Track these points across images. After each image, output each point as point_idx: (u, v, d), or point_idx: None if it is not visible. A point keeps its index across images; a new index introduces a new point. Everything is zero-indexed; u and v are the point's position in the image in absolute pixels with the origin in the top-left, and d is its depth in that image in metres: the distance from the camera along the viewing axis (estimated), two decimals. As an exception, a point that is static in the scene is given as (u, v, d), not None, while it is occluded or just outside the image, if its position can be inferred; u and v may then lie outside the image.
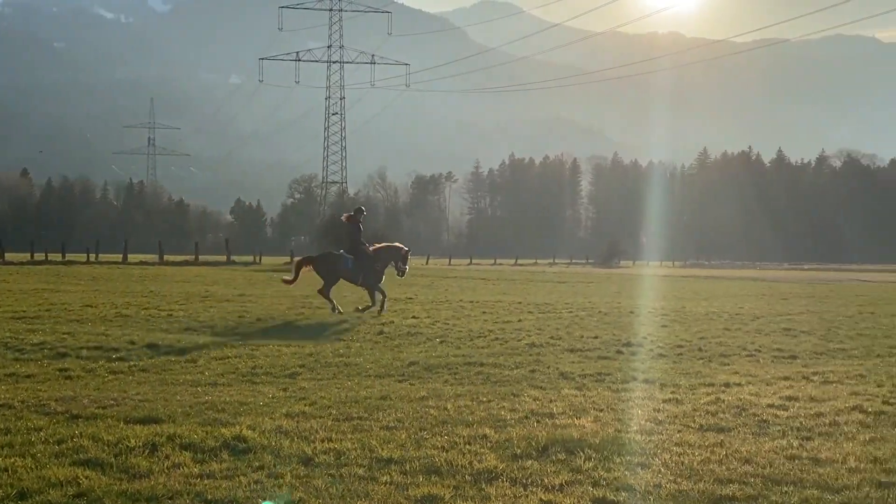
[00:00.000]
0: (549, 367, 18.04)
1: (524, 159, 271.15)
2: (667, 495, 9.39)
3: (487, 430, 11.93)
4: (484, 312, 31.25)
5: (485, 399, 14.38)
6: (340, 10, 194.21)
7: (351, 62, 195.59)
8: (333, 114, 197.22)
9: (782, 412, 13.63)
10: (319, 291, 31.37)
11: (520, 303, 36.97)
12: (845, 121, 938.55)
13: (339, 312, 29.43)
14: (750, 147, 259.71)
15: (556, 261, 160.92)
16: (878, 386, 16.27)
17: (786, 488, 9.63)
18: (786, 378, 17.11)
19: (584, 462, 10.47)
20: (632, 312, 32.58)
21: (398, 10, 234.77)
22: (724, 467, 10.40)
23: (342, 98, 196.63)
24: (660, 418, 13.10)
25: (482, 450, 10.96)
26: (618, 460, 10.61)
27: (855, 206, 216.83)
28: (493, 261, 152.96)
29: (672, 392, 15.38)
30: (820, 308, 37.02)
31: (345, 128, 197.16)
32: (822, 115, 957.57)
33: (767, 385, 16.26)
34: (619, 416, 13.25)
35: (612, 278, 76.80)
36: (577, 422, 12.67)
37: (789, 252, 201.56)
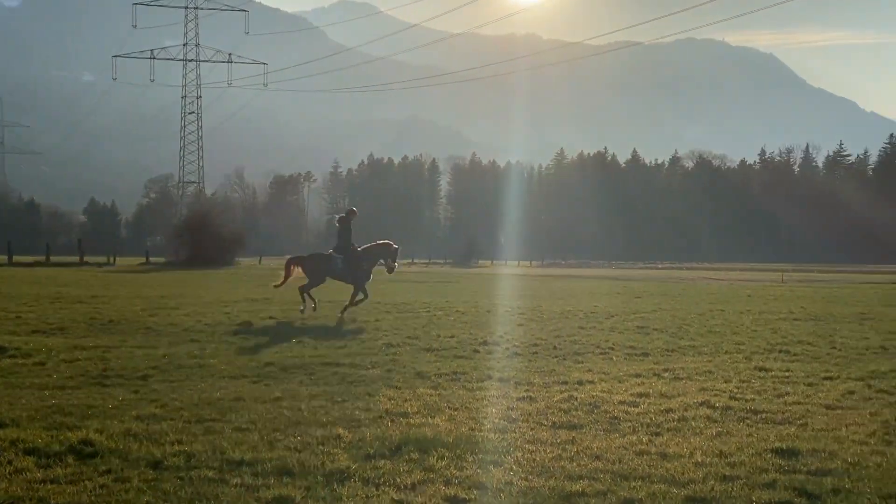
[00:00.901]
0: (405, 367, 18.03)
1: (383, 159, 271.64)
2: (518, 493, 9.45)
3: (341, 431, 11.86)
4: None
5: (340, 399, 14.31)
6: (196, 8, 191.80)
7: (207, 61, 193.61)
8: (190, 113, 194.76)
9: (633, 409, 13.84)
10: (300, 289, 31.49)
11: (378, 302, 36.86)
12: (697, 122, 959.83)
13: (310, 310, 30.16)
14: (605, 148, 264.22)
15: (415, 261, 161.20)
16: (726, 382, 16.62)
17: (634, 483, 9.77)
18: (637, 375, 17.37)
19: (436, 461, 10.48)
20: (489, 311, 32.78)
21: (255, 9, 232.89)
22: (574, 464, 10.51)
23: (199, 97, 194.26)
24: (513, 416, 13.19)
25: (335, 450, 10.90)
26: (471, 459, 10.64)
27: (706, 205, 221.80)
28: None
29: (526, 390, 15.49)
30: (672, 306, 37.70)
31: (202, 127, 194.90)
32: (675, 117, 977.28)
33: (619, 382, 16.49)
34: (474, 414, 13.30)
35: (470, 278, 77.26)
36: (431, 421, 12.69)
37: (644, 251, 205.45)
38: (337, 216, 33.74)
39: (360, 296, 31.29)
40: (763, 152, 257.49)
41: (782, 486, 9.70)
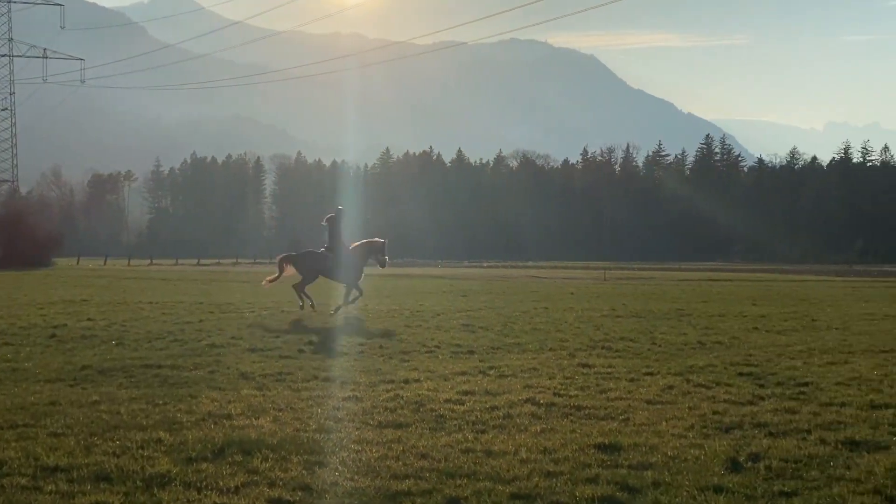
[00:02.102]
0: (229, 368, 17.76)
1: (207, 158, 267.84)
2: (344, 493, 9.36)
3: (162, 434, 11.60)
4: (164, 313, 30.58)
5: (161, 402, 14.00)
6: (9, 2, 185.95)
7: (21, 56, 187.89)
8: (3, 109, 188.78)
9: (459, 406, 13.86)
10: (294, 287, 32.23)
11: (201, 303, 36.37)
12: (521, 122, 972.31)
13: (309, 308, 31.26)
14: (431, 147, 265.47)
15: (240, 260, 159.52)
16: (550, 378, 16.79)
17: (460, 481, 9.76)
18: (463, 373, 17.43)
19: (261, 463, 10.32)
20: (314, 310, 32.55)
21: (71, 4, 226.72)
22: (400, 463, 10.46)
23: (12, 93, 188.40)
24: (339, 416, 13.09)
25: (156, 454, 10.65)
26: (296, 460, 10.51)
27: (531, 204, 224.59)
28: (174, 261, 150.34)
29: (352, 390, 15.40)
30: (497, 304, 38.06)
31: (15, 124, 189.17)
32: (500, 116, 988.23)
33: (445, 380, 16.51)
34: (299, 415, 13.16)
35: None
36: (255, 422, 12.51)
37: (470, 249, 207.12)
38: (325, 217, 33.85)
39: (355, 293, 31.75)
40: (585, 152, 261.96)
41: (605, 481, 9.81)
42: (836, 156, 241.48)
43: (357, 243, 32.91)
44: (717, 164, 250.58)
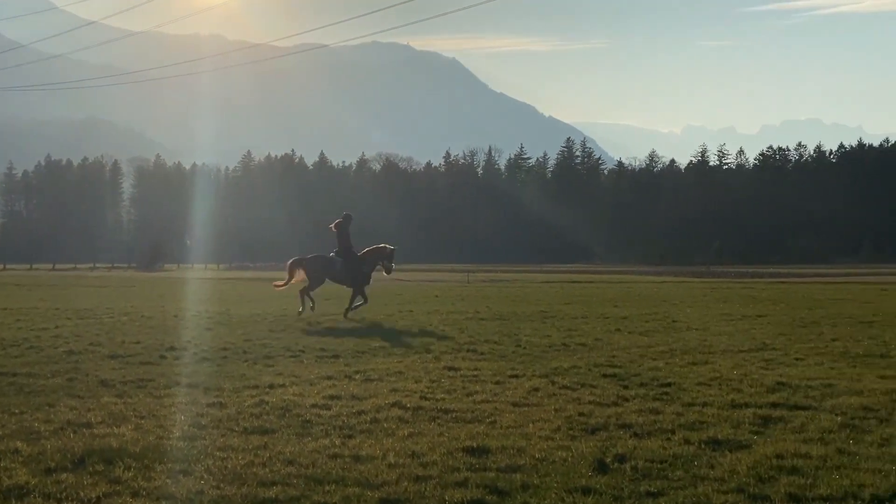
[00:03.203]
0: (87, 375, 17.33)
1: (62, 161, 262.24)
2: (209, 501, 9.19)
3: (19, 444, 11.25)
4: (18, 320, 29.84)
5: (17, 411, 13.58)
6: None
7: None
8: None
9: (325, 411, 13.73)
10: (301, 291, 32.38)
11: (57, 309, 35.55)
12: (384, 124, 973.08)
13: (308, 312, 31.46)
14: (293, 150, 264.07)
15: (98, 265, 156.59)
16: (416, 382, 16.75)
17: (328, 487, 9.65)
18: (329, 377, 17.29)
19: (123, 472, 10.06)
20: (176, 316, 32.09)
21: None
22: (267, 469, 10.30)
23: None
24: (203, 423, 12.85)
25: (13, 465, 10.32)
26: (159, 468, 10.28)
27: (394, 207, 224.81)
28: (28, 266, 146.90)
29: (216, 396, 15.15)
30: (362, 307, 37.90)
31: None
32: (362, 119, 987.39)
33: (311, 385, 16.36)
34: (162, 422, 12.88)
35: (155, 282, 75.56)
36: (116, 430, 12.20)
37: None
38: (333, 223, 33.99)
39: (360, 300, 32.00)
40: (448, 155, 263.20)
41: (474, 484, 9.79)
42: (693, 159, 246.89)
43: (367, 249, 33.41)
44: (578, 167, 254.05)
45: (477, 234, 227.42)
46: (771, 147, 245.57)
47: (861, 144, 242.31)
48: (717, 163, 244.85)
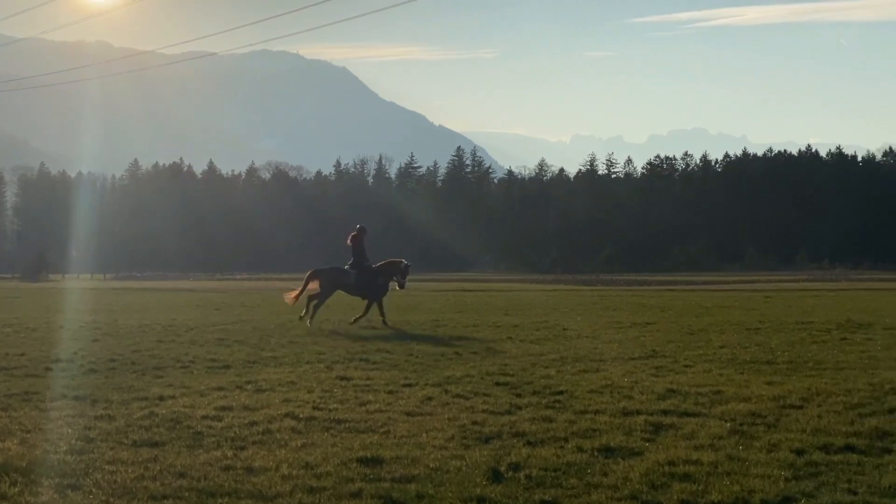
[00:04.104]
0: (-30, 389, 16.92)
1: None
2: (99, 517, 9.01)
3: None
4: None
5: None
6: None
7: None
8: None
9: (217, 423, 13.58)
10: (309, 298, 32.87)
11: (-61, 321, 34.68)
12: (274, 133, 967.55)
13: (306, 321, 31.63)
14: (181, 159, 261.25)
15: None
16: (309, 392, 16.64)
17: (220, 500, 9.55)
18: (220, 388, 17.11)
19: (9, 488, 9.85)
20: (62, 327, 31.50)
21: None
22: (158, 483, 10.15)
23: None
24: (91, 436, 12.61)
25: None
26: (47, 483, 10.08)
27: (284, 216, 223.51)
28: None
29: (104, 408, 14.90)
30: (252, 317, 37.64)
31: None
32: (252, 128, 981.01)
33: (202, 396, 16.17)
34: (48, 436, 12.63)
35: (40, 292, 74.13)
36: (1, 445, 11.93)
37: (222, 262, 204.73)
38: (350, 235, 34.44)
39: (377, 310, 32.42)
40: (338, 164, 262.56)
41: (368, 495, 9.75)
42: (582, 168, 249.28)
43: (382, 262, 33.87)
44: (468, 176, 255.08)
45: (368, 243, 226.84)
46: (658, 156, 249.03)
47: (746, 154, 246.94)
48: (606, 171, 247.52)
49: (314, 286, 33.42)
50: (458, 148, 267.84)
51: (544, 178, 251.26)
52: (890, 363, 20.39)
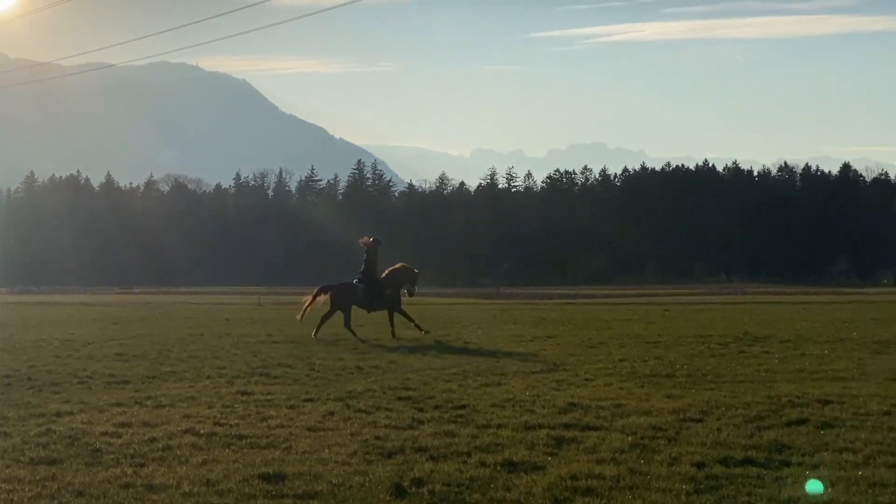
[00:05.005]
0: None
1: None
2: (-6, 538, 8.83)
3: None
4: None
5: None
6: None
7: None
8: None
9: (116, 439, 13.39)
10: (324, 317, 33.48)
11: None
12: (174, 145, 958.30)
13: (314, 337, 31.87)
14: (79, 171, 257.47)
15: None
16: (209, 407, 16.48)
17: (120, 519, 9.40)
18: (119, 404, 16.87)
19: None
20: (-45, 343, 30.84)
21: None
22: (56, 501, 10.01)
23: None
24: (-14, 455, 12.36)
25: None
26: (-61, 504, 9.84)
27: (184, 229, 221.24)
28: None
29: (0, 425, 14.59)
30: (151, 331, 37.19)
31: None
32: (151, 140, 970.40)
33: (100, 412, 15.94)
34: (-60, 455, 12.33)
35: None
36: None
37: (122, 276, 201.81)
38: (361, 240, 34.85)
39: (393, 323, 32.82)
40: (238, 177, 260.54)
41: (271, 512, 9.67)
42: (482, 181, 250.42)
43: (388, 271, 34.07)
44: (369, 189, 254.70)
45: (269, 257, 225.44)
46: (558, 170, 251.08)
47: (644, 168, 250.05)
48: (506, 185, 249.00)
49: (323, 300, 34.00)
50: (359, 161, 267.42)
51: (445, 191, 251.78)
52: (787, 376, 20.75)
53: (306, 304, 34.77)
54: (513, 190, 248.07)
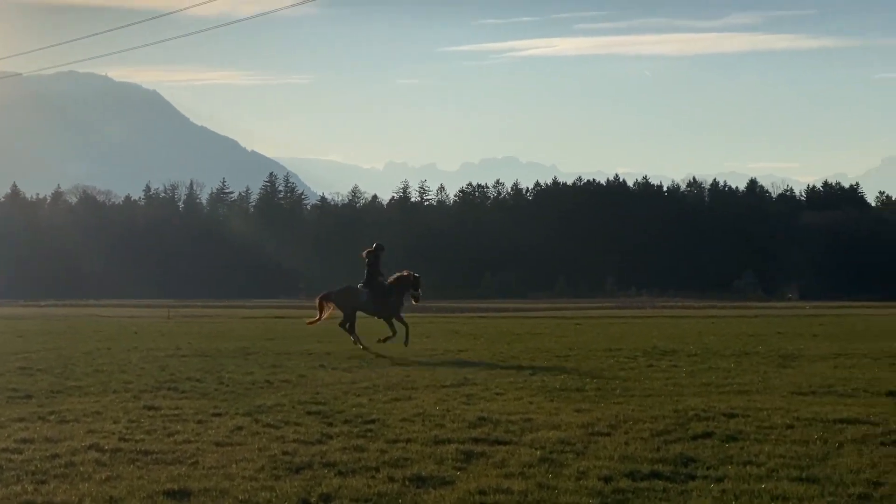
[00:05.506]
0: None
1: None
2: None
3: None
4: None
5: None
6: None
7: None
8: None
9: (17, 456, 13.14)
10: (341, 325, 33.61)
11: None
12: (81, 157, 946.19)
13: (363, 348, 31.92)
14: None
15: None
16: (115, 422, 16.24)
17: (19, 538, 9.20)
18: (21, 419, 16.57)
19: None
20: None
21: None
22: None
23: None
24: None
25: None
26: None
27: (93, 241, 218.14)
28: None
29: None
30: (57, 345, 36.59)
31: None
32: (59, 151, 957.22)
33: (1, 428, 15.66)
34: None
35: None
36: None
37: (27, 288, 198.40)
38: (364, 251, 35.12)
39: (394, 330, 32.91)
40: (148, 188, 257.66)
41: (175, 529, 9.52)
42: (395, 195, 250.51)
43: (392, 278, 34.10)
44: (281, 202, 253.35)
45: (179, 270, 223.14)
46: (470, 184, 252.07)
47: (556, 182, 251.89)
48: (419, 199, 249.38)
49: (331, 310, 34.12)
50: (271, 174, 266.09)
51: (357, 204, 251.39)
52: (694, 389, 20.96)
53: (314, 319, 35.19)
54: (425, 203, 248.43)
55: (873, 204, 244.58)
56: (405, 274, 34.73)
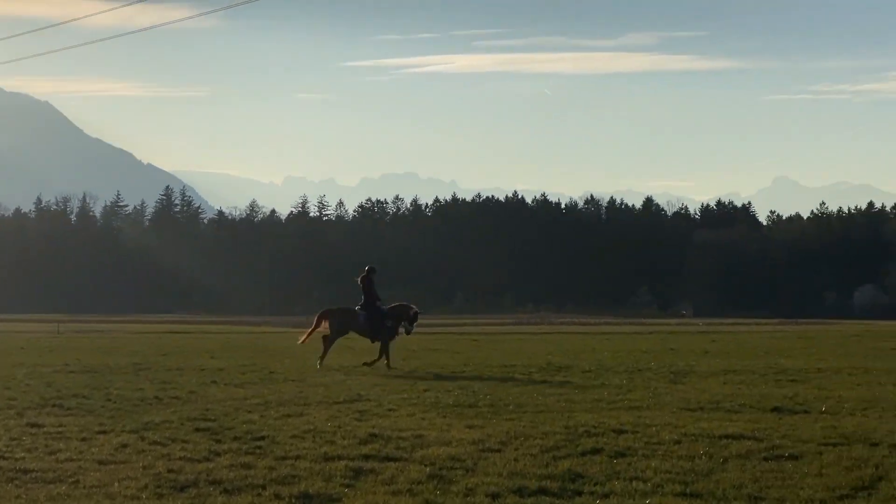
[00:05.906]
0: None
1: None
2: None
3: None
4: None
5: None
6: None
7: None
8: None
9: None
10: (323, 338, 33.24)
11: None
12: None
13: (319, 367, 31.56)
14: None
15: None
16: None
17: None
18: None
19: None
20: None
21: None
22: None
23: None
24: None
25: None
26: None
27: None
28: None
29: None
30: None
31: None
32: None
33: None
34: None
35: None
36: None
37: None
38: (360, 278, 34.57)
39: (383, 358, 32.37)
40: (39, 201, 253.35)
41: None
42: (294, 209, 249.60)
43: (392, 306, 34.12)
44: (178, 216, 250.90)
45: (71, 284, 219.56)
46: (370, 199, 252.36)
47: (455, 198, 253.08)
48: (318, 214, 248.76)
49: (325, 326, 33.91)
50: (167, 187, 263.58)
51: (255, 219, 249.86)
52: (585, 405, 21.04)
53: (310, 330, 34.91)
54: (324, 218, 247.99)
55: (765, 223, 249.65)
56: (407, 306, 34.40)
